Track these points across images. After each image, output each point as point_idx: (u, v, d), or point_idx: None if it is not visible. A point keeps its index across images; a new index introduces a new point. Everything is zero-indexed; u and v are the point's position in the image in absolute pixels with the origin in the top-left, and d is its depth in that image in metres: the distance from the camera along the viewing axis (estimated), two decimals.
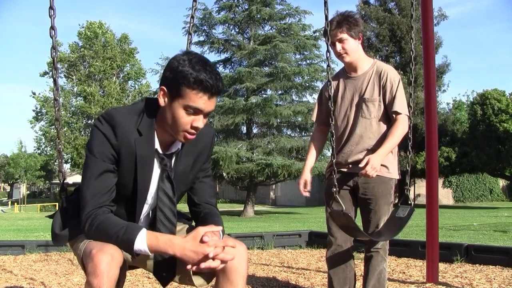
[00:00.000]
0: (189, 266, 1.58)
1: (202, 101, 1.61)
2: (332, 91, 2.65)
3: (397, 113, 2.68)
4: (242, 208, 21.95)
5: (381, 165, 2.69)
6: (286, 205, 34.40)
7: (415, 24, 3.39)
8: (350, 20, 2.70)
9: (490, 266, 4.41)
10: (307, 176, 2.89)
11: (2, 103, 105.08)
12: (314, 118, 3.01)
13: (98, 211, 1.62)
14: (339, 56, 2.74)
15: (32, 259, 5.39)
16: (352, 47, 2.72)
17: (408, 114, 2.73)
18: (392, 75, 2.72)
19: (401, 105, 2.69)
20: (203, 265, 1.56)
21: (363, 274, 2.83)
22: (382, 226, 2.71)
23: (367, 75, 2.75)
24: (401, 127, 2.68)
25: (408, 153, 3.07)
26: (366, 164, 2.56)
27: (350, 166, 2.75)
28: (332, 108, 2.61)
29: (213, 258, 1.56)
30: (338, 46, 2.71)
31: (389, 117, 2.73)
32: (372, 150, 2.70)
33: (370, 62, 2.80)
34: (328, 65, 2.60)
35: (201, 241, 1.56)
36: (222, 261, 1.59)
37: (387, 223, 2.72)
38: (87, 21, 37.39)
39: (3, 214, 27.10)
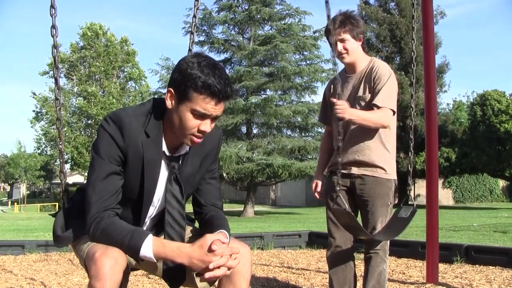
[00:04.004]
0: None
1: (210, 106, 1.58)
2: (339, 87, 2.61)
3: (376, 106, 2.61)
4: (242, 208, 21.94)
5: (378, 166, 2.68)
6: (286, 205, 34.39)
7: (415, 25, 3.40)
8: (353, 21, 2.69)
9: (490, 266, 4.41)
10: (317, 178, 2.95)
11: (2, 103, 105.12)
12: (319, 119, 3.05)
13: (103, 214, 1.59)
14: (339, 55, 2.72)
15: (32, 259, 5.39)
16: (353, 47, 2.71)
17: (394, 109, 2.64)
18: (382, 71, 2.66)
19: (383, 99, 2.60)
20: (207, 274, 1.56)
21: (363, 274, 2.83)
22: (384, 226, 2.70)
23: (362, 74, 2.74)
24: (379, 114, 2.60)
25: (409, 154, 3.06)
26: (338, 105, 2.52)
27: (347, 166, 2.74)
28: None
29: (219, 267, 1.55)
30: (339, 45, 2.69)
31: None
32: (366, 149, 2.68)
33: (367, 60, 2.78)
34: (334, 63, 2.59)
35: (209, 250, 1.54)
36: (229, 268, 1.58)
37: (389, 223, 2.72)
38: (86, 23, 37.46)
39: (3, 214, 27.08)
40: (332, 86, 2.89)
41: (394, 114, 2.67)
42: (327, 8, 2.54)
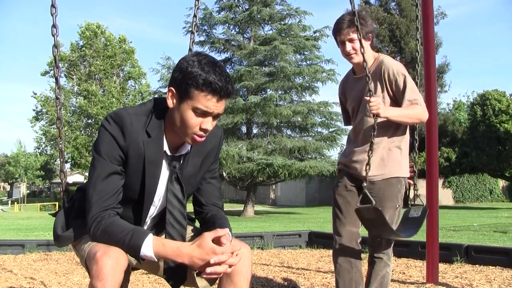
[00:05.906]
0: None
1: (211, 104, 1.58)
2: (369, 85, 2.55)
3: (410, 102, 2.58)
4: (242, 208, 21.93)
5: (389, 167, 2.63)
6: (286, 205, 34.37)
7: (418, 25, 3.39)
8: (361, 20, 2.60)
9: (490, 266, 4.41)
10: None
11: (2, 102, 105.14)
12: (344, 123, 3.00)
13: (104, 214, 1.59)
14: (348, 55, 2.66)
15: (32, 258, 5.39)
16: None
17: (425, 105, 2.63)
18: (396, 68, 2.62)
19: (411, 95, 2.58)
20: (208, 269, 1.55)
21: (366, 276, 2.79)
22: (399, 226, 2.64)
23: (370, 72, 2.65)
24: (418, 109, 2.59)
25: (414, 153, 3.04)
26: (370, 101, 2.45)
27: (357, 166, 2.69)
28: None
29: (220, 263, 1.55)
30: (348, 46, 2.63)
31: None
32: (377, 148, 2.63)
33: (374, 57, 2.71)
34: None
35: (218, 243, 1.54)
36: (230, 266, 1.57)
37: (403, 224, 2.67)
38: (79, 25, 37.45)
39: (3, 213, 27.06)
40: (343, 87, 2.87)
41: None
42: (352, 5, 2.54)
